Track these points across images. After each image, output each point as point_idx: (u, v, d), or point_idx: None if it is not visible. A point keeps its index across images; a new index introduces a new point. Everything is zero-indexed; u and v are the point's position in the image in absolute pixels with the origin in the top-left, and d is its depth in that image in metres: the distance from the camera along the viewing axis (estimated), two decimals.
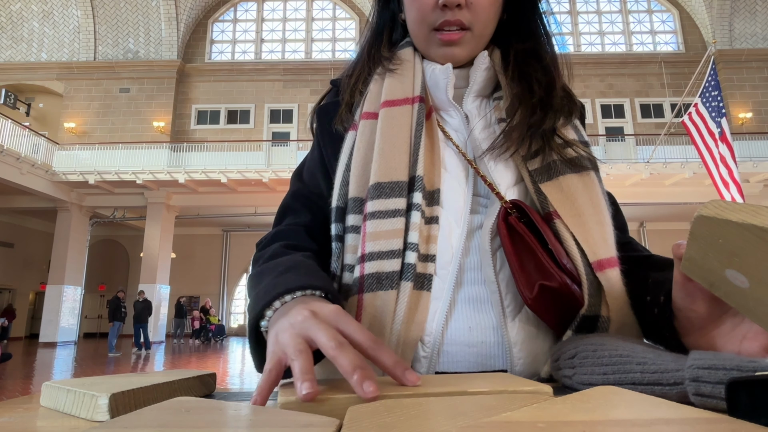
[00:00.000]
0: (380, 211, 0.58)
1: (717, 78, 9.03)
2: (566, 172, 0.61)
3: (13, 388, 6.27)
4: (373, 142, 0.63)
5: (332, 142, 0.69)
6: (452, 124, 0.68)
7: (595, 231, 0.58)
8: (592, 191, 0.61)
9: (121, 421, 0.28)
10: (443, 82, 0.66)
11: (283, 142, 16.14)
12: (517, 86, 0.66)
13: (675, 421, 0.24)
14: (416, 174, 0.60)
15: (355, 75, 0.71)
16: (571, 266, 0.56)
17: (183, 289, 17.36)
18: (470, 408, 0.29)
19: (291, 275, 0.52)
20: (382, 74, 0.69)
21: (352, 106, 0.69)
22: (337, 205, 0.64)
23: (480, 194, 0.63)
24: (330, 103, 0.73)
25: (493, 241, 0.59)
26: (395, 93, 0.66)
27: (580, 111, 0.70)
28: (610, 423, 0.23)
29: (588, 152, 0.64)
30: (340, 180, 0.64)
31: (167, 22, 17.58)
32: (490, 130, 0.66)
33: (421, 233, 0.58)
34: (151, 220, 14.57)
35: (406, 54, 0.70)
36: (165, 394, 0.39)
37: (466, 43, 0.65)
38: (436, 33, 0.65)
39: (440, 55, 0.66)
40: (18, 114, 16.72)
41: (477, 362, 0.57)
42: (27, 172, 12.70)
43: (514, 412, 0.25)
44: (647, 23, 18.34)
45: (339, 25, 18.88)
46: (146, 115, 17.21)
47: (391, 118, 0.64)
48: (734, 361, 0.33)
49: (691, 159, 12.70)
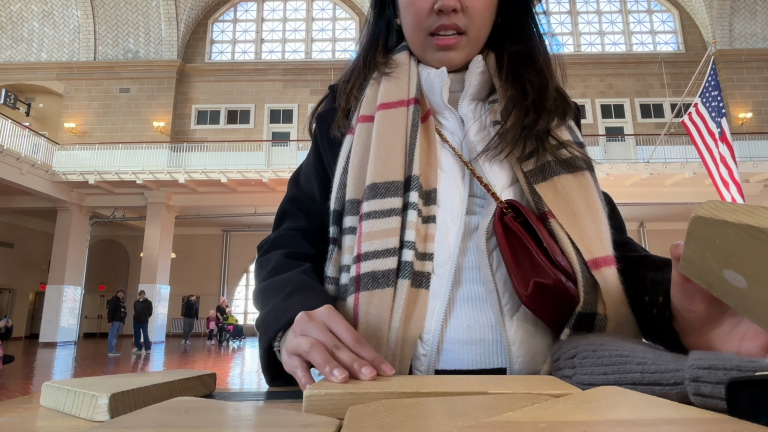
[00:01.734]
0: (376, 211, 0.59)
1: (717, 78, 9.03)
2: (561, 172, 0.61)
3: (13, 388, 6.26)
4: (369, 144, 0.64)
5: (331, 148, 0.70)
6: (448, 126, 0.68)
7: (590, 230, 0.58)
8: (587, 191, 0.61)
9: (121, 421, 0.28)
10: (438, 85, 0.67)
11: (283, 142, 16.14)
12: (510, 89, 0.67)
13: (677, 422, 0.23)
14: (412, 174, 0.61)
15: (351, 81, 0.72)
16: (565, 263, 0.56)
17: (183, 289, 17.36)
18: (470, 408, 0.29)
19: (298, 298, 0.56)
20: (378, 78, 0.70)
21: (348, 112, 0.70)
22: (334, 208, 0.64)
23: (476, 195, 0.64)
24: (328, 110, 0.74)
25: (489, 242, 0.60)
26: (391, 96, 0.67)
27: (574, 112, 0.71)
28: (612, 423, 0.23)
29: (582, 153, 0.65)
30: (338, 183, 0.65)
31: (167, 22, 17.57)
32: (485, 132, 0.67)
33: (418, 232, 0.59)
34: (151, 220, 14.57)
35: (402, 58, 0.71)
36: (165, 394, 0.39)
37: (462, 48, 0.66)
38: (432, 38, 0.66)
39: (437, 59, 0.67)
40: (18, 114, 16.71)
41: (476, 360, 0.57)
42: (27, 172, 12.70)
43: (515, 412, 0.25)
44: (647, 23, 18.34)
45: (339, 25, 18.87)
46: (146, 115, 17.21)
47: (387, 120, 0.64)
48: (734, 361, 0.33)
49: (691, 159, 12.70)
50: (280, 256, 0.67)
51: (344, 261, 0.61)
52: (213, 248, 18.66)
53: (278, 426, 0.27)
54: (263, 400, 0.44)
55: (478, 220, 0.62)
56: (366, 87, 0.70)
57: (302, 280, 0.61)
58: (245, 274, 18.96)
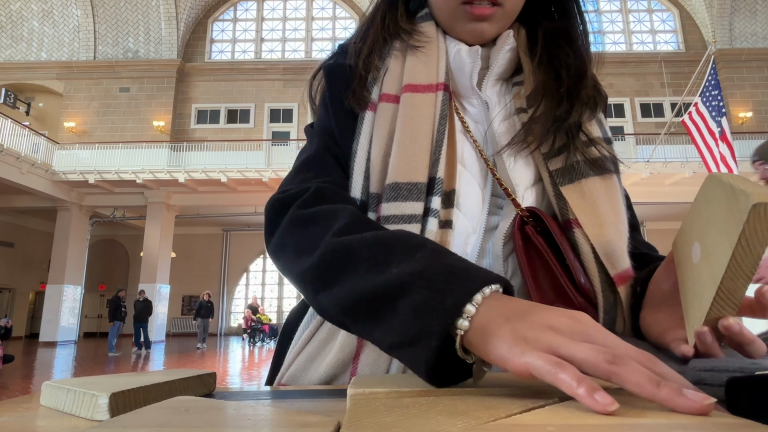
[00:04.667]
0: (395, 216, 0.53)
1: (717, 77, 9.02)
2: (589, 174, 0.56)
3: (13, 388, 6.27)
4: (392, 131, 0.57)
5: (345, 115, 0.61)
6: (472, 113, 0.62)
7: (615, 242, 0.54)
8: (613, 197, 0.57)
9: (121, 421, 0.28)
10: (469, 66, 0.60)
11: (283, 141, 16.13)
12: (543, 73, 0.60)
13: (692, 426, 0.22)
14: (436, 175, 0.55)
15: (369, 44, 0.63)
16: (588, 287, 0.53)
17: (183, 288, 17.37)
18: (470, 407, 0.29)
19: (460, 260, 0.39)
20: (403, 50, 0.61)
21: (366, 82, 0.61)
22: (361, 198, 0.57)
23: (498, 195, 0.59)
24: (340, 64, 0.64)
25: (506, 246, 0.56)
26: (418, 77, 0.59)
27: (605, 102, 0.65)
28: (624, 427, 0.22)
29: (611, 151, 0.60)
30: (363, 170, 0.57)
31: (167, 22, 17.56)
32: (510, 121, 0.61)
33: (434, 239, 0.54)
34: (151, 220, 14.57)
35: (430, 29, 0.62)
36: (165, 394, 0.39)
37: (497, 20, 0.59)
38: (465, 6, 0.58)
39: (468, 30, 0.60)
40: (18, 113, 16.70)
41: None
42: (27, 171, 12.70)
43: (523, 415, 0.24)
44: (647, 22, 18.33)
45: (339, 25, 18.86)
46: (146, 115, 17.20)
47: (413, 107, 0.57)
48: (737, 364, 0.32)
49: (691, 158, 12.69)
50: (353, 209, 0.50)
51: None
52: (213, 248, 18.66)
53: (277, 425, 0.27)
54: (263, 399, 0.44)
55: (497, 220, 0.58)
56: (386, 56, 0.62)
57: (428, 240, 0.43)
58: (245, 274, 18.96)
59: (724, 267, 0.33)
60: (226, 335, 18.28)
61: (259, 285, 19.03)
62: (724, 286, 0.34)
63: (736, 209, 0.32)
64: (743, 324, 0.36)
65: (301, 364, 0.59)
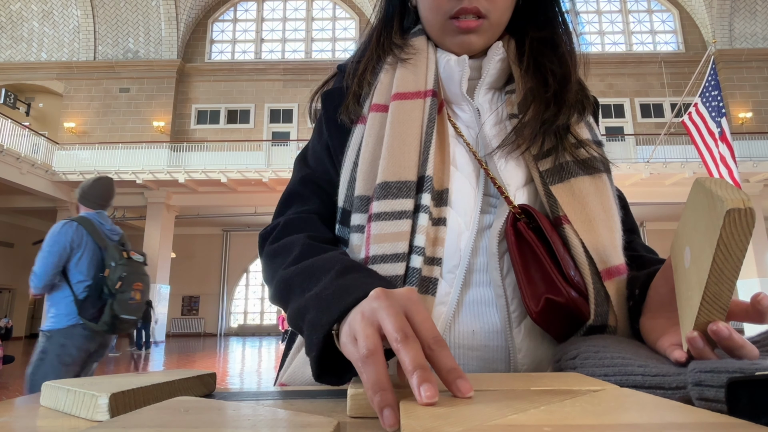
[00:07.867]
0: (386, 213, 0.56)
1: (717, 78, 9.03)
2: (578, 173, 0.59)
3: (13, 388, 6.26)
4: (382, 137, 0.60)
5: (339, 133, 0.65)
6: (464, 118, 0.65)
7: (605, 237, 0.56)
8: (603, 195, 0.59)
9: (121, 421, 0.28)
10: (458, 74, 0.63)
11: (283, 141, 16.13)
12: (531, 79, 0.63)
13: (689, 426, 0.22)
14: (425, 174, 0.57)
15: (363, 63, 0.67)
16: (578, 279, 0.54)
17: (183, 288, 17.36)
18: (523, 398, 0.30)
19: (357, 277, 0.47)
20: (393, 64, 0.65)
21: (360, 97, 0.65)
22: (343, 206, 0.61)
23: (491, 194, 0.61)
24: (336, 88, 0.69)
25: (501, 244, 0.57)
26: (407, 85, 0.63)
27: (593, 106, 0.67)
28: (621, 427, 0.22)
29: (601, 153, 0.62)
30: (348, 178, 0.61)
31: (167, 22, 17.57)
32: (501, 125, 0.63)
33: (427, 236, 0.56)
34: (151, 220, 14.57)
35: (419, 43, 0.66)
36: (165, 394, 0.39)
37: (484, 32, 0.63)
38: (452, 21, 0.62)
39: (456, 43, 0.64)
40: (18, 114, 16.72)
41: (479, 366, 0.56)
42: (27, 171, 12.70)
43: (519, 415, 0.24)
44: (647, 23, 18.34)
45: (339, 25, 18.87)
46: (146, 115, 17.21)
47: (402, 112, 0.60)
48: (736, 364, 0.32)
49: (691, 159, 12.71)
50: (305, 239, 0.58)
51: None
52: (213, 248, 18.67)
53: (277, 426, 0.27)
54: (263, 400, 0.44)
55: (491, 219, 0.60)
56: (380, 71, 0.66)
57: (350, 260, 0.52)
58: (245, 274, 18.96)
59: (707, 272, 0.34)
60: (225, 335, 18.28)
61: (259, 285, 19.02)
62: (709, 291, 0.35)
63: (714, 215, 0.33)
64: (732, 328, 0.37)
65: (300, 364, 0.60)
